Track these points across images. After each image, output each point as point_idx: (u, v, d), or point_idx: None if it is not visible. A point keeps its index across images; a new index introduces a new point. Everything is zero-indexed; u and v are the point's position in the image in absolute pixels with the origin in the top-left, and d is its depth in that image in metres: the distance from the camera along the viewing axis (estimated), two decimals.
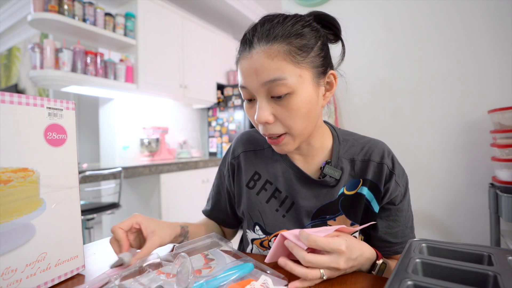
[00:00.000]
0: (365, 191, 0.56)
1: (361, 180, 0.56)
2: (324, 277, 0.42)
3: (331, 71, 0.53)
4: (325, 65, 0.52)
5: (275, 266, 0.50)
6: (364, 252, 0.46)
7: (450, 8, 1.25)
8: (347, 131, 0.63)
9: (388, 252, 0.57)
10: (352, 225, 0.57)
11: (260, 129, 0.52)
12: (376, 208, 0.56)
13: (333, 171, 0.56)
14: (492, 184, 1.09)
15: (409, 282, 0.33)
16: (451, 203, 1.25)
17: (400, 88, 1.36)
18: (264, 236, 0.60)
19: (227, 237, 0.74)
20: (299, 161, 0.60)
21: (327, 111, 1.47)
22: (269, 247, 0.60)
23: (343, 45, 0.58)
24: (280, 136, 0.51)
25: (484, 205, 1.15)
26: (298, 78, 0.48)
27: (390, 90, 1.39)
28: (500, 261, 0.36)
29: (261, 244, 0.61)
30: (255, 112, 0.51)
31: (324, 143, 0.59)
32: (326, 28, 0.56)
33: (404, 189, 0.57)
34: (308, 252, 0.42)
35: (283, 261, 0.43)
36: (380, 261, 0.48)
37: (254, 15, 3.76)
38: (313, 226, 0.58)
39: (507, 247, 1.06)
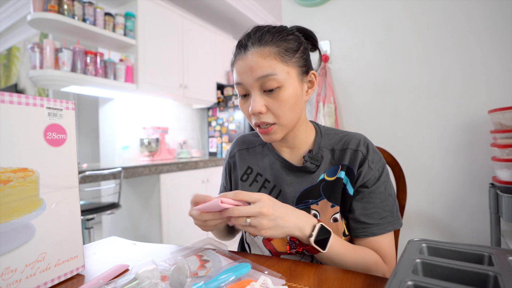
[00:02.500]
0: (342, 175, 0.61)
1: (340, 166, 0.62)
2: (248, 221, 0.48)
3: (312, 71, 0.62)
4: (307, 65, 0.61)
5: (272, 265, 0.50)
6: (293, 208, 0.53)
7: (450, 8, 1.25)
8: (329, 127, 0.70)
9: (366, 233, 0.59)
10: (332, 207, 0.62)
11: (253, 119, 0.60)
12: (350, 191, 0.61)
13: (314, 158, 0.63)
14: (492, 184, 1.09)
15: (409, 282, 0.33)
16: (451, 203, 1.25)
17: (400, 88, 1.36)
18: None
19: (233, 234, 0.79)
20: (286, 153, 0.68)
21: (327, 111, 1.47)
22: None
23: (320, 52, 0.70)
24: (270, 126, 0.58)
25: (485, 205, 1.15)
26: (286, 74, 0.56)
27: (390, 90, 1.39)
28: (500, 261, 0.36)
29: None
30: (248, 106, 0.59)
31: (308, 136, 0.66)
32: (306, 38, 0.65)
33: (379, 174, 0.61)
34: None
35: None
36: (318, 224, 0.52)
37: (254, 15, 3.75)
38: None
39: (508, 247, 1.06)
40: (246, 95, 0.60)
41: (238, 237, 0.80)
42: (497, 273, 0.33)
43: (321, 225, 0.52)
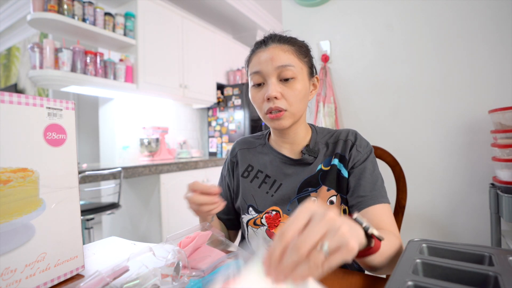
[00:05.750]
0: (336, 162, 0.69)
1: (334, 155, 0.70)
2: (325, 248, 0.31)
3: (316, 76, 0.72)
4: (313, 69, 0.71)
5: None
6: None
7: (450, 8, 1.25)
8: (323, 127, 0.77)
9: (362, 205, 0.63)
10: (328, 190, 0.67)
11: (265, 105, 0.65)
12: (345, 173, 0.67)
13: (311, 150, 0.70)
14: (492, 184, 1.09)
15: (410, 283, 0.33)
16: (451, 203, 1.25)
17: (400, 88, 1.36)
18: (256, 214, 0.72)
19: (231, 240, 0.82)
20: (285, 149, 0.73)
21: (327, 110, 1.47)
22: (262, 224, 0.70)
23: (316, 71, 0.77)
24: (281, 111, 0.64)
25: (485, 205, 1.15)
26: (300, 69, 0.66)
27: (390, 90, 1.38)
28: (500, 262, 0.36)
29: (255, 223, 0.71)
30: (262, 94, 0.66)
31: (306, 134, 0.73)
32: None
33: (366, 155, 0.68)
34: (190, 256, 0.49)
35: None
36: (355, 214, 0.41)
37: (254, 15, 3.75)
38: (298, 200, 0.69)
39: (508, 248, 1.06)
40: (260, 85, 0.66)
41: (238, 238, 0.80)
42: (497, 273, 0.33)
43: (356, 217, 0.42)
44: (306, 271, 0.30)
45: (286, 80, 0.64)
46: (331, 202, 0.67)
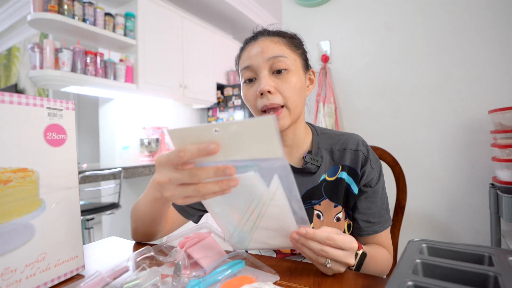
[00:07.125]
0: (344, 175, 0.63)
1: (340, 166, 0.63)
2: (328, 265, 0.44)
3: (312, 69, 0.67)
4: (307, 62, 0.66)
5: (272, 266, 0.50)
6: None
7: (450, 8, 1.25)
8: (323, 128, 0.71)
9: (369, 232, 0.62)
10: (335, 207, 0.63)
11: (260, 102, 0.59)
12: (355, 190, 0.63)
13: (314, 158, 0.63)
14: (492, 184, 1.09)
15: (410, 283, 0.33)
16: (451, 203, 1.25)
17: (400, 88, 1.36)
18: None
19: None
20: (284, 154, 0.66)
21: (327, 111, 1.47)
22: None
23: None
24: (279, 109, 0.58)
25: (485, 205, 1.15)
26: (293, 61, 0.60)
27: (390, 90, 1.38)
28: (500, 262, 0.36)
29: None
30: (254, 90, 0.60)
31: (306, 135, 0.67)
32: None
33: (378, 173, 0.64)
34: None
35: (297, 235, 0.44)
36: (360, 251, 0.48)
37: (254, 15, 3.75)
38: None
39: (508, 248, 1.06)
40: (252, 80, 0.61)
41: None
42: (497, 274, 0.33)
43: (363, 252, 0.49)
44: (309, 254, 0.44)
45: (279, 72, 0.58)
46: (338, 219, 0.63)
